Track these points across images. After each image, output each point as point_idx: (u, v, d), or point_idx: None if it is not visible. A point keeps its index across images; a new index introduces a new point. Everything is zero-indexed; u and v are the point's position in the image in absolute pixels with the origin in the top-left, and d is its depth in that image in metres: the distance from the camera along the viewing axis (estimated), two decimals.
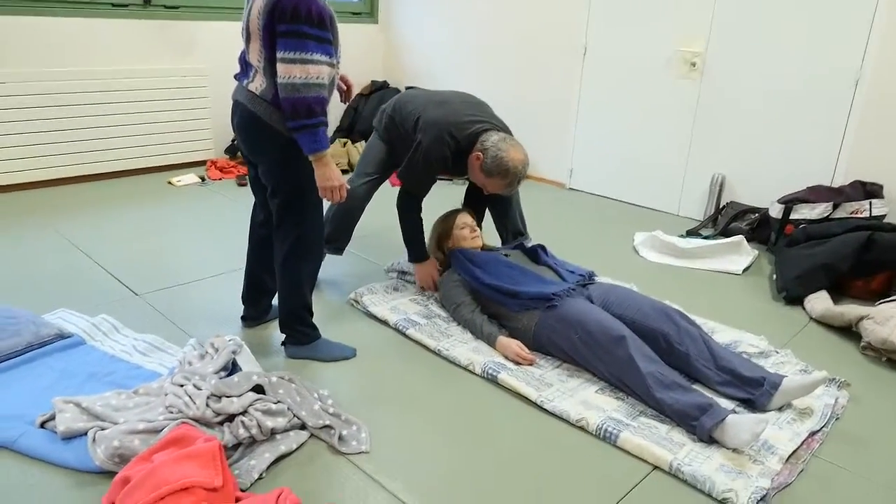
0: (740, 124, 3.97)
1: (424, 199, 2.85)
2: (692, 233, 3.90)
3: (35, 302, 2.73)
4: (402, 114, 2.81)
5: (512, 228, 3.16)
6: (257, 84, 2.10)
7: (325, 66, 1.98)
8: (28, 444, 1.85)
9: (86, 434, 1.84)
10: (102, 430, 1.82)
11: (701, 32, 3.99)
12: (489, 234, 3.26)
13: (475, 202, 3.10)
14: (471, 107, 2.77)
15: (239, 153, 4.97)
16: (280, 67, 1.95)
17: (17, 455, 1.85)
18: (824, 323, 2.85)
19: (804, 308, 2.98)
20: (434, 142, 2.65)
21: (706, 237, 3.79)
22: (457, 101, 2.78)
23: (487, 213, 3.20)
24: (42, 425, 1.91)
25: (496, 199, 3.09)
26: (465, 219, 2.90)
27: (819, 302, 2.91)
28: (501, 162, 2.60)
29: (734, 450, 1.94)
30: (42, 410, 1.96)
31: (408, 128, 2.76)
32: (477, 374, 2.35)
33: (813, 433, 2.08)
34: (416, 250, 2.88)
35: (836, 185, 3.63)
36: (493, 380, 2.31)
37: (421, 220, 2.86)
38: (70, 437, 1.85)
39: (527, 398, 2.21)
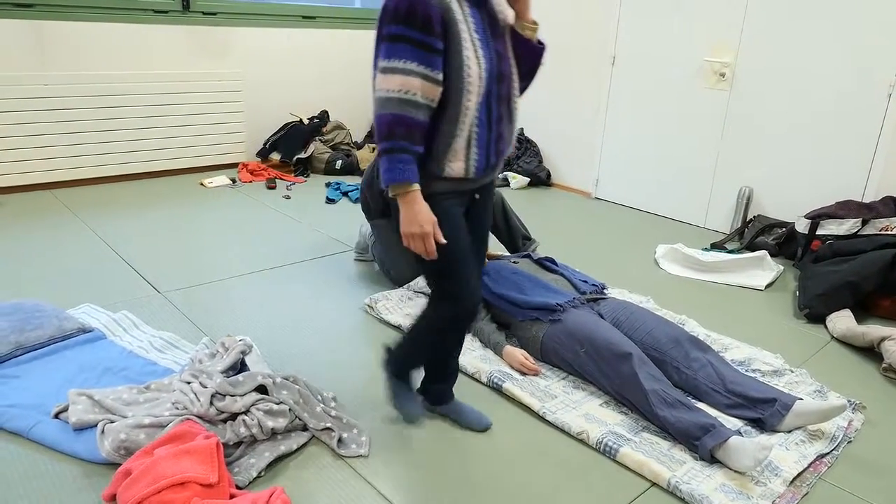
0: (769, 136, 3.90)
1: None
2: (717, 246, 3.84)
3: (63, 296, 2.83)
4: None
5: (517, 233, 3.25)
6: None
7: (418, 80, 1.55)
8: (41, 433, 1.93)
9: (96, 426, 1.91)
10: (111, 422, 1.89)
11: (731, 43, 3.94)
12: (495, 245, 3.27)
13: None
14: None
15: (271, 156, 5.09)
16: (375, 80, 1.61)
17: (31, 443, 1.93)
18: (846, 343, 2.78)
19: (826, 327, 2.91)
20: None
21: (731, 251, 3.73)
22: None
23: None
24: (56, 416, 1.99)
25: (492, 214, 3.20)
26: None
27: (841, 321, 2.84)
28: None
29: (737, 471, 1.92)
30: (59, 401, 2.04)
31: None
32: (483, 383, 2.36)
33: (822, 456, 2.03)
34: None
35: (866, 200, 3.53)
36: (497, 389, 2.32)
37: None
38: (81, 428, 1.92)
39: (530, 408, 2.21)
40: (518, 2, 1.70)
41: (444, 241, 1.68)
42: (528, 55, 1.75)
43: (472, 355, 2.49)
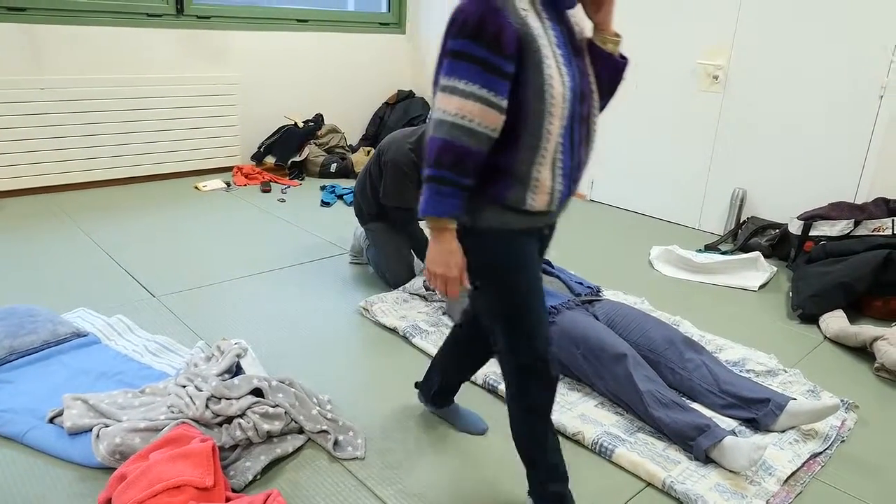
0: (763, 138, 3.92)
1: None
2: (711, 247, 3.86)
3: (58, 301, 2.83)
4: (376, 164, 3.08)
5: None
6: None
7: (478, 105, 1.34)
8: (36, 437, 1.92)
9: (91, 430, 1.91)
10: (106, 427, 1.89)
11: (724, 46, 3.96)
12: None
13: None
14: (416, 127, 3.08)
15: (265, 159, 5.09)
16: (435, 98, 1.42)
17: (25, 448, 1.92)
18: (839, 343, 2.79)
19: (819, 327, 2.93)
20: (397, 153, 2.93)
21: (725, 252, 3.75)
22: (406, 128, 3.13)
23: None
24: (51, 420, 1.99)
25: None
26: None
27: (834, 321, 2.85)
28: None
29: (731, 471, 1.93)
30: (53, 406, 2.04)
31: (380, 167, 3.04)
32: (478, 385, 2.37)
33: (815, 455, 2.04)
34: None
35: (859, 201, 3.55)
36: (493, 391, 2.32)
37: (421, 229, 3.04)
38: (76, 432, 1.92)
39: None
40: (599, 12, 1.52)
41: (470, 286, 1.50)
42: (609, 71, 1.57)
43: None
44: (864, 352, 2.71)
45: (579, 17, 1.55)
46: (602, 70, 1.56)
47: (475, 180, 1.42)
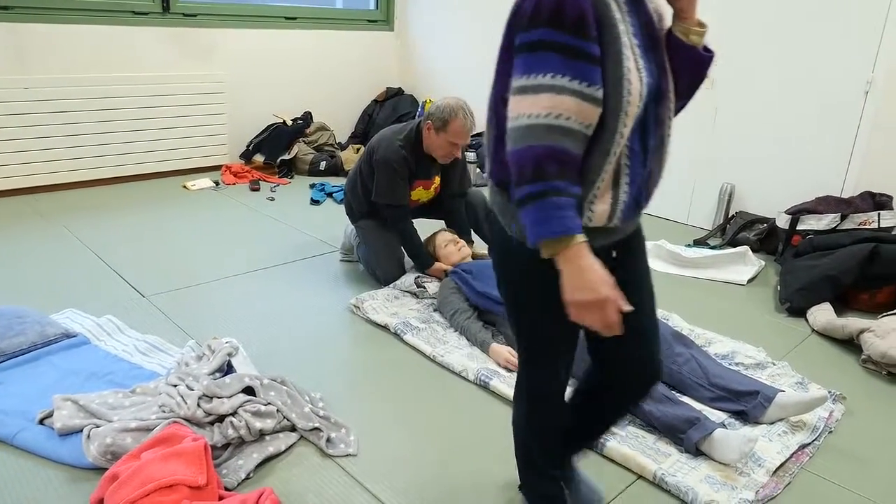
0: (751, 134, 3.94)
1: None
2: (700, 242, 3.88)
3: (46, 302, 2.81)
4: (367, 162, 3.06)
5: None
6: (489, 162, 1.36)
7: (572, 98, 1.13)
8: (26, 439, 1.91)
9: (81, 431, 1.90)
10: (97, 427, 1.88)
11: (711, 42, 3.97)
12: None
13: (458, 224, 3.26)
14: (405, 124, 3.08)
15: (254, 158, 5.07)
16: (509, 105, 1.19)
17: (15, 450, 1.91)
18: (826, 335, 2.82)
19: (807, 320, 2.95)
20: (387, 150, 2.92)
21: (714, 247, 3.77)
22: (396, 125, 3.13)
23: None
24: (41, 422, 1.97)
25: (475, 214, 3.25)
26: (445, 236, 3.07)
27: (822, 314, 2.88)
28: (445, 108, 2.82)
29: (722, 463, 1.94)
30: (43, 407, 2.02)
31: (372, 165, 3.01)
32: (470, 381, 2.38)
33: (803, 446, 2.07)
34: (423, 259, 3.04)
35: (845, 195, 3.59)
36: (485, 387, 2.33)
37: (414, 227, 3.03)
38: (66, 433, 1.91)
39: None
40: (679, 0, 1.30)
41: (628, 307, 1.22)
42: (691, 67, 1.33)
43: (460, 353, 2.50)
44: (851, 344, 2.74)
45: (658, 3, 1.32)
46: (682, 66, 1.33)
47: (579, 187, 1.19)
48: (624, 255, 1.42)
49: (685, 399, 2.25)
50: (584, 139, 1.18)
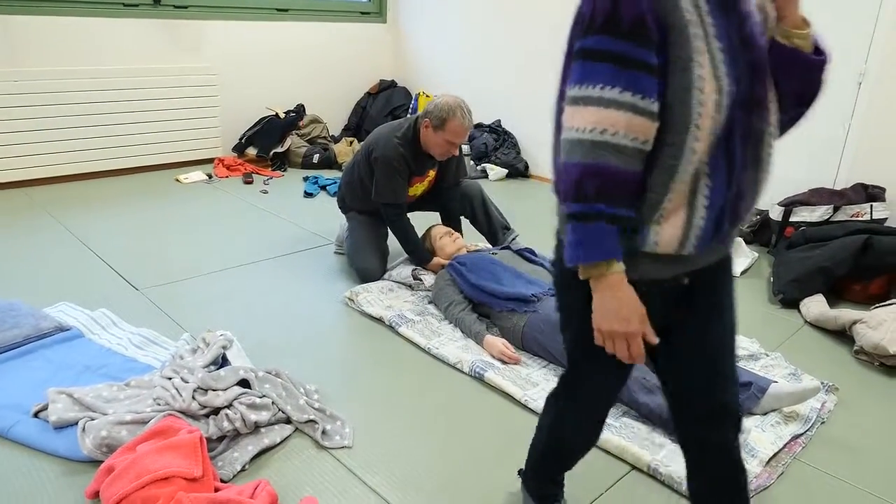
0: None
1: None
2: None
3: (39, 295, 2.80)
4: (365, 160, 3.03)
5: (497, 224, 3.27)
6: (553, 171, 1.21)
7: (622, 113, 1.05)
8: (21, 432, 1.91)
9: (76, 424, 1.89)
10: (92, 420, 1.88)
11: None
12: (479, 240, 3.30)
13: (450, 216, 3.27)
14: (404, 119, 3.04)
15: (247, 151, 5.05)
16: (563, 115, 1.12)
17: (11, 443, 1.90)
18: (819, 327, 2.84)
19: (800, 311, 2.97)
20: (386, 148, 2.89)
21: None
22: (393, 122, 3.07)
23: (467, 224, 3.34)
24: (36, 415, 1.97)
25: (471, 205, 3.23)
26: (440, 229, 3.08)
27: (815, 305, 2.90)
28: (443, 107, 2.80)
29: None
30: (37, 401, 2.02)
31: (370, 163, 2.99)
32: (465, 373, 2.38)
33: (796, 436, 2.08)
34: (419, 254, 3.03)
35: (838, 187, 3.60)
36: (479, 378, 2.33)
37: (411, 224, 3.01)
38: (61, 426, 1.90)
39: (512, 397, 2.23)
40: None
41: (655, 340, 1.16)
42: (799, 72, 1.16)
43: (454, 345, 2.51)
44: (843, 335, 2.76)
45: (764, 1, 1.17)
46: (786, 72, 1.17)
47: (632, 210, 1.10)
48: (702, 286, 1.24)
49: None
50: (639, 156, 1.07)
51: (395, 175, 2.90)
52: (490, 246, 3.31)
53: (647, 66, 1.05)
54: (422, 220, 3.24)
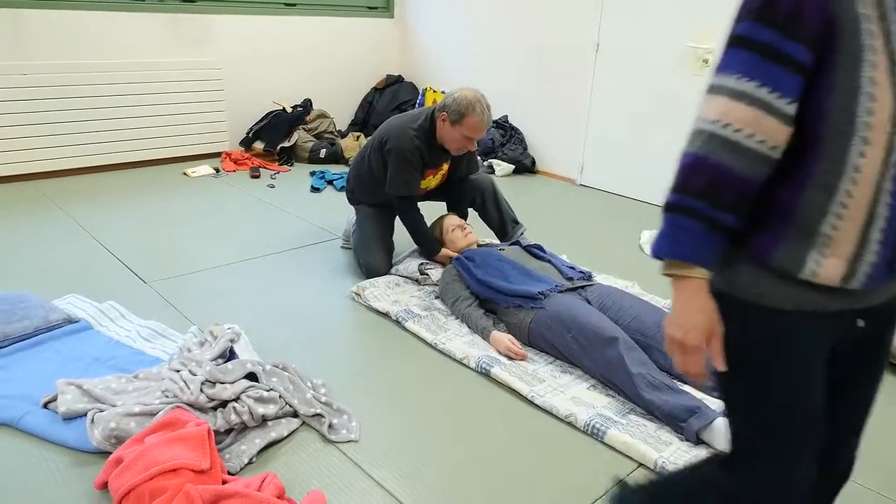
0: None
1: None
2: None
3: (48, 287, 2.81)
4: (378, 151, 2.98)
5: (507, 218, 3.27)
6: None
7: (751, 109, 0.95)
8: (30, 423, 1.92)
9: (85, 415, 1.91)
10: (101, 411, 1.89)
11: (714, 28, 3.97)
12: (486, 233, 3.30)
13: (459, 206, 3.24)
14: (418, 110, 3.00)
15: (254, 145, 5.05)
16: None
17: (20, 433, 1.92)
18: None
19: None
20: (401, 140, 2.84)
21: None
22: (406, 113, 3.03)
23: (475, 214, 3.33)
24: (45, 406, 1.98)
25: (482, 197, 3.22)
26: (452, 220, 3.05)
27: None
28: (462, 101, 2.74)
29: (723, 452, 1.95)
30: (47, 392, 2.03)
31: (383, 155, 2.94)
32: (471, 369, 2.38)
33: None
34: (429, 246, 3.02)
35: None
36: (486, 374, 2.34)
37: (422, 215, 3.00)
38: (70, 417, 1.91)
39: (518, 393, 2.23)
40: None
41: (723, 368, 1.07)
42: None
43: (461, 341, 2.51)
44: None
45: None
46: None
47: (740, 219, 1.00)
48: (871, 328, 1.10)
49: (686, 388, 2.26)
50: (763, 161, 0.96)
51: (409, 168, 2.86)
52: (498, 241, 3.31)
53: (793, 63, 0.94)
54: (430, 211, 3.24)
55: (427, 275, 2.98)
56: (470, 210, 3.29)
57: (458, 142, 2.83)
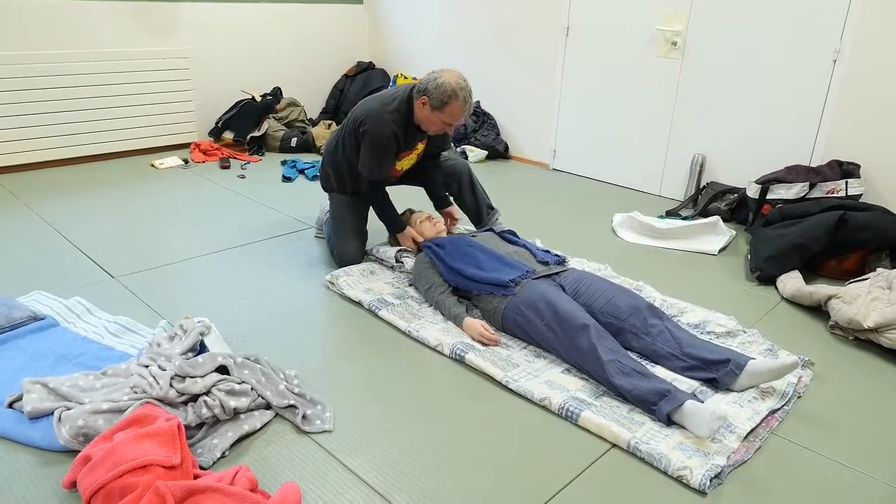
0: (721, 104, 3.97)
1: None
2: (672, 213, 3.91)
3: (11, 284, 2.75)
4: (352, 134, 2.90)
5: (483, 204, 3.26)
6: None
7: None
8: None
9: (52, 414, 1.87)
10: (68, 409, 1.85)
11: (682, 12, 3.98)
12: (463, 220, 3.29)
13: (436, 191, 3.20)
14: (393, 90, 2.90)
15: (223, 135, 4.98)
16: None
17: None
18: (795, 302, 2.87)
19: (776, 288, 3.00)
20: (378, 124, 2.77)
21: (685, 217, 3.81)
22: (381, 93, 2.93)
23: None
24: (10, 405, 1.94)
25: (459, 184, 3.21)
26: (419, 214, 3.05)
27: (791, 282, 2.93)
28: (445, 88, 2.66)
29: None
30: (12, 391, 1.99)
31: (357, 137, 2.87)
32: (445, 356, 2.38)
33: (773, 411, 2.11)
34: (394, 223, 3.02)
35: (814, 164, 3.63)
36: (461, 360, 2.34)
37: (387, 193, 3.00)
38: (37, 416, 1.88)
39: (493, 378, 2.24)
40: None
41: None
42: None
43: (435, 328, 2.50)
44: (819, 310, 2.79)
45: None
46: None
47: None
48: None
49: (657, 369, 2.28)
50: None
51: (383, 152, 2.81)
52: (473, 227, 3.30)
53: None
54: (409, 195, 3.20)
55: (402, 262, 2.96)
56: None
57: (437, 126, 2.78)
